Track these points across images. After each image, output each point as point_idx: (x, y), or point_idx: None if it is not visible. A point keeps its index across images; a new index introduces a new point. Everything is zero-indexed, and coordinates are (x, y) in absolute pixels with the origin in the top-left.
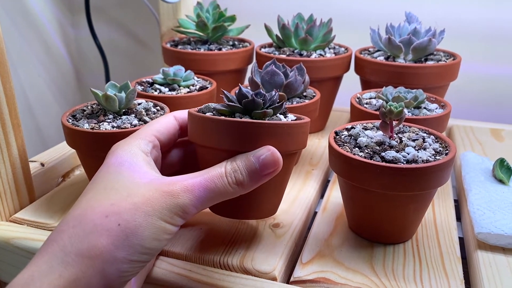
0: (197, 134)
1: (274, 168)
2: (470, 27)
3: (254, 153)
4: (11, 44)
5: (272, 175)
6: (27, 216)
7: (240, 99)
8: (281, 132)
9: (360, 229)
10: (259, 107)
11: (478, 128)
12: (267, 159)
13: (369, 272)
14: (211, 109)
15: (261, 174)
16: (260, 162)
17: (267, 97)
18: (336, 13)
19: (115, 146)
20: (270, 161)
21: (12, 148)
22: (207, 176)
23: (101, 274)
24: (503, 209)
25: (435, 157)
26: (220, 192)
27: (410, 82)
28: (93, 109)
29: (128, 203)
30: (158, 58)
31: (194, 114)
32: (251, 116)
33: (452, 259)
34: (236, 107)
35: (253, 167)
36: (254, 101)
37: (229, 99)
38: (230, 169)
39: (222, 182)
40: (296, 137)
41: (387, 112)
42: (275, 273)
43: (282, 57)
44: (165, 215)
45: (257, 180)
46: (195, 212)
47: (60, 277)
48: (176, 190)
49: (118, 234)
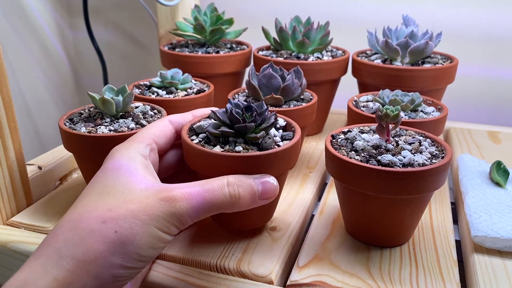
0: (191, 161)
1: (272, 196)
2: (467, 30)
3: (258, 178)
4: (9, 47)
5: (267, 201)
6: (24, 220)
7: (232, 122)
8: (276, 158)
9: (356, 232)
10: (251, 131)
11: (476, 130)
12: (269, 186)
13: (365, 275)
14: (204, 129)
15: (260, 198)
16: (262, 187)
17: (257, 113)
18: (333, 16)
19: (113, 150)
20: (271, 189)
21: (9, 151)
22: (206, 187)
23: (95, 278)
24: (499, 212)
25: (431, 161)
26: (218, 204)
27: (407, 85)
28: (90, 112)
29: (125, 210)
30: (156, 61)
31: (188, 144)
32: (244, 139)
33: (449, 262)
34: (228, 133)
35: (255, 189)
36: (246, 127)
37: (220, 121)
38: (233, 183)
39: (222, 193)
40: (288, 159)
41: (383, 115)
42: (271, 276)
43: (280, 60)
44: (162, 224)
45: (254, 203)
46: (190, 222)
47: (54, 280)
48: (173, 197)
49: (114, 241)
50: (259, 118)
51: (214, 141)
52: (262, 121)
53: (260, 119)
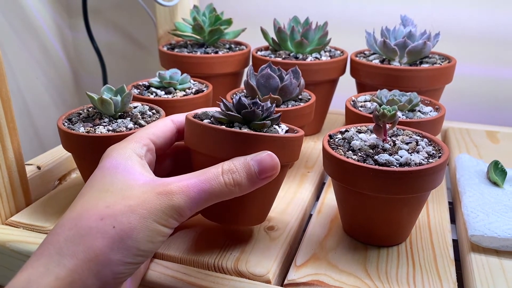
0: (194, 140)
1: (272, 173)
2: (466, 30)
3: (253, 157)
4: (8, 47)
5: (269, 179)
6: (23, 219)
7: (239, 109)
8: (280, 144)
9: (354, 231)
10: (258, 118)
11: (474, 130)
12: (266, 163)
13: (362, 274)
14: (209, 116)
15: (259, 177)
16: (259, 165)
17: (264, 108)
18: (331, 16)
19: (109, 149)
20: (269, 165)
21: (8, 151)
22: (202, 178)
23: (96, 276)
24: (497, 211)
25: (428, 160)
26: (216, 193)
27: (405, 85)
28: (89, 112)
29: (123, 206)
30: (155, 61)
31: (193, 121)
32: (249, 126)
33: (446, 262)
34: (235, 117)
35: (252, 169)
36: (254, 112)
37: (227, 108)
38: (228, 170)
39: (218, 182)
40: (292, 149)
41: (380, 115)
42: (269, 276)
43: (278, 60)
44: (160, 217)
45: (255, 183)
46: (190, 214)
47: (56, 279)
48: (170, 191)
49: (113, 236)
50: (266, 112)
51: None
52: (269, 114)
53: (267, 112)
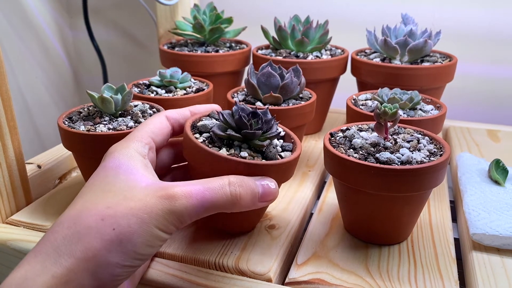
0: (193, 159)
1: (271, 199)
2: (467, 29)
3: (260, 180)
4: (9, 46)
5: (266, 204)
6: (23, 218)
7: (239, 126)
8: (280, 170)
9: (355, 230)
10: (259, 138)
11: (475, 129)
12: (270, 190)
13: (364, 273)
14: (208, 129)
15: (260, 200)
16: (263, 189)
17: (263, 120)
18: (332, 14)
19: (112, 148)
20: (271, 192)
21: (9, 150)
22: (207, 186)
23: (93, 276)
24: (498, 210)
25: (430, 158)
26: (218, 203)
27: (406, 84)
28: (90, 111)
29: (124, 207)
30: (156, 60)
31: (193, 142)
32: (249, 144)
33: (447, 260)
34: (235, 137)
35: (256, 191)
36: (255, 133)
37: (227, 123)
38: (235, 182)
39: (223, 192)
40: (288, 172)
41: (382, 113)
42: (270, 274)
43: (279, 59)
44: (160, 223)
45: (254, 204)
46: (189, 221)
47: (53, 278)
48: (174, 195)
49: (112, 238)
50: (265, 126)
51: (219, 143)
52: (268, 129)
53: (266, 127)
